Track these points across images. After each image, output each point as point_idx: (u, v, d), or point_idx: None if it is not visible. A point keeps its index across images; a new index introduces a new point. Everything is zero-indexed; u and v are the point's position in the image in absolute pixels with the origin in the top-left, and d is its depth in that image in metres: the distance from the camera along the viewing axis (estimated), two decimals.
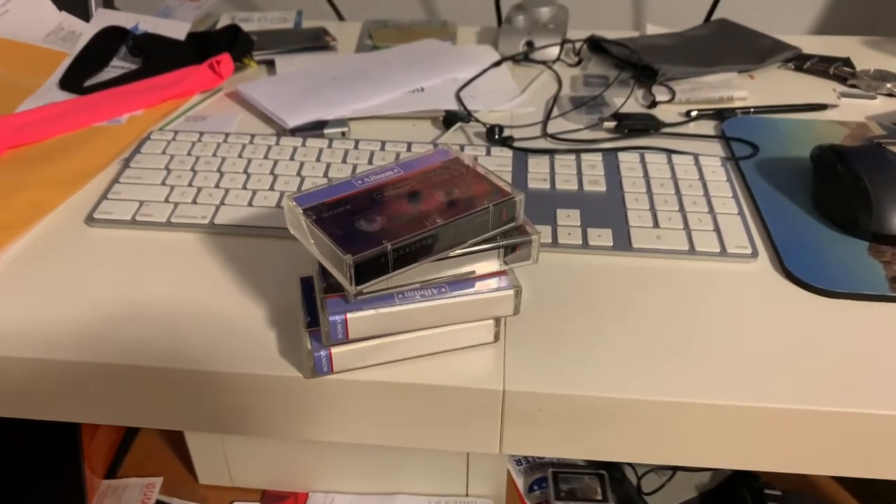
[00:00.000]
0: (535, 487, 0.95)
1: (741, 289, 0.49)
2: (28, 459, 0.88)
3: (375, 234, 0.38)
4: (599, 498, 0.90)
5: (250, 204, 0.54)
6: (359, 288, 0.37)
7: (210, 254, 0.51)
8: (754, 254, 0.51)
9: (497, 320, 0.43)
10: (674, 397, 0.41)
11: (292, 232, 0.41)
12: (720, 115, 0.69)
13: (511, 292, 0.41)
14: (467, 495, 0.93)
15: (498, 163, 0.60)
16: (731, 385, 0.42)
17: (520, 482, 0.96)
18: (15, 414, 0.46)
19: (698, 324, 0.46)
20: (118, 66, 0.77)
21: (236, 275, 0.49)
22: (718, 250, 0.51)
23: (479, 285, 0.41)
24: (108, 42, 0.78)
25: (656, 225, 0.53)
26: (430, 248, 0.39)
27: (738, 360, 0.43)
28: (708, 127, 0.68)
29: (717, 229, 0.53)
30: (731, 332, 0.45)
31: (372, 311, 0.39)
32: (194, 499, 0.95)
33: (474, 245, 0.40)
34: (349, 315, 0.39)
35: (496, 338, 0.44)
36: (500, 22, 0.93)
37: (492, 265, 0.42)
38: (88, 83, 0.73)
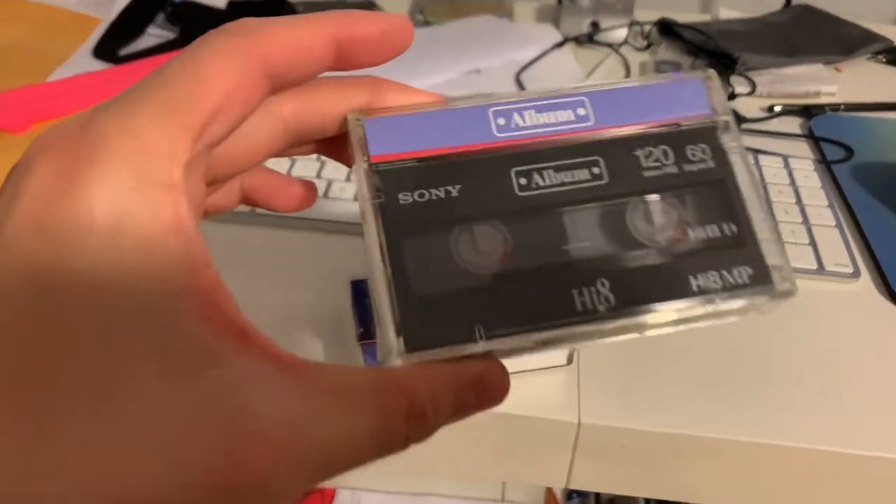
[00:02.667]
0: (575, 496, 0.90)
1: (841, 313, 0.43)
2: None
3: (470, 294, 0.20)
4: None
5: None
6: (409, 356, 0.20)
7: (250, 247, 0.46)
8: (856, 273, 0.45)
9: None
10: (764, 439, 0.36)
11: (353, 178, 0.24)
12: (807, 111, 0.63)
13: None
14: (503, 500, 0.89)
15: None
16: (828, 427, 0.36)
17: (558, 490, 0.92)
18: None
19: (793, 353, 0.40)
20: (154, 34, 0.72)
21: (279, 272, 0.44)
22: (815, 267, 0.45)
23: None
24: (144, 8, 0.73)
25: None
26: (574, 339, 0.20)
27: (839, 399, 0.38)
28: (793, 124, 0.62)
29: (812, 243, 0.47)
30: (830, 365, 0.40)
31: None
32: None
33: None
34: None
35: (570, 360, 0.39)
36: None
37: None
38: (123, 52, 0.68)
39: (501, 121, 0.21)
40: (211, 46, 0.18)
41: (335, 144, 0.23)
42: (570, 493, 0.90)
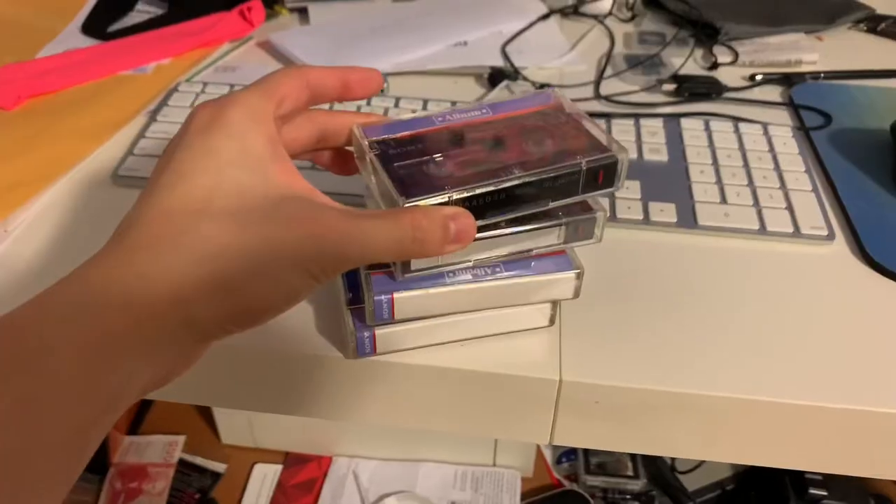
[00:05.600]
0: (564, 460, 0.93)
1: (816, 274, 0.45)
2: None
3: (441, 180, 0.33)
4: (631, 474, 0.88)
5: None
6: None
7: None
8: (830, 236, 0.47)
9: (554, 303, 0.39)
10: (741, 394, 0.38)
11: (357, 164, 0.37)
12: (788, 80, 0.64)
13: (572, 274, 0.37)
14: (494, 465, 0.91)
15: None
16: (801, 383, 0.38)
17: (548, 454, 0.94)
18: None
19: (768, 312, 0.42)
20: (143, 10, 0.72)
21: None
22: (791, 230, 0.47)
23: (536, 266, 0.38)
24: None
25: (724, 200, 0.49)
26: (501, 204, 0.33)
27: (811, 355, 0.39)
28: (774, 93, 0.63)
29: (789, 207, 0.48)
30: (804, 323, 0.41)
31: (420, 291, 0.36)
32: (217, 458, 0.94)
33: (557, 208, 0.35)
34: (396, 294, 0.36)
35: (552, 321, 0.40)
36: None
37: (551, 244, 0.38)
38: (112, 28, 0.69)
39: (440, 119, 0.37)
40: (282, 71, 0.33)
41: (341, 161, 0.38)
42: (559, 458, 0.92)
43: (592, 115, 0.57)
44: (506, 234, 0.36)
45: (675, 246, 0.46)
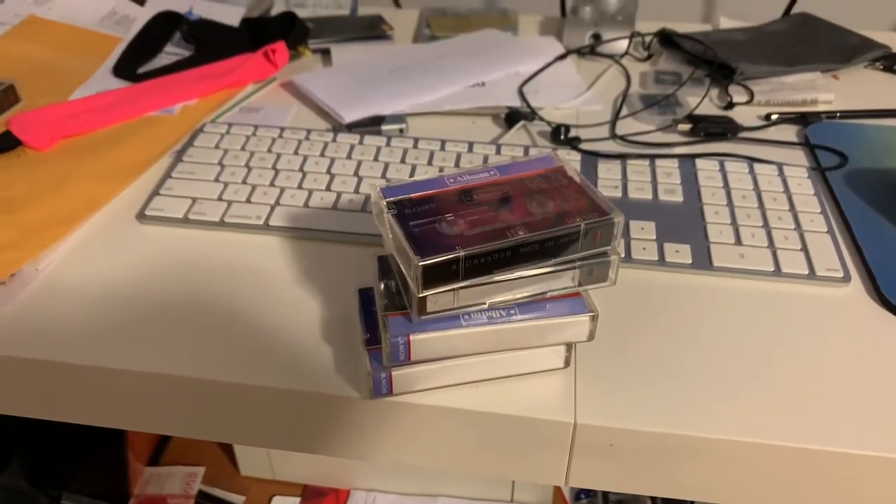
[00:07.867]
0: (583, 496, 0.92)
1: (832, 317, 0.45)
2: (73, 444, 0.88)
3: (451, 239, 0.35)
4: None
5: (306, 205, 0.52)
6: (425, 293, 0.35)
7: (264, 257, 0.49)
8: (846, 277, 0.47)
9: (569, 345, 0.40)
10: (756, 438, 0.38)
11: (375, 222, 0.40)
12: (803, 119, 0.64)
13: (587, 317, 0.38)
14: (512, 501, 0.90)
15: None
16: (818, 427, 0.38)
17: (566, 489, 0.93)
18: (54, 417, 0.45)
19: (784, 355, 0.42)
20: (172, 52, 0.75)
21: (291, 281, 0.47)
22: (807, 272, 0.47)
23: (550, 308, 0.38)
24: (162, 27, 0.76)
25: (738, 242, 0.49)
26: (506, 261, 0.36)
27: (827, 400, 0.39)
28: (790, 132, 0.63)
29: (804, 248, 0.49)
30: (820, 367, 0.41)
31: (436, 333, 0.37)
32: (236, 490, 0.95)
33: (558, 265, 0.37)
34: (412, 336, 0.36)
35: (566, 363, 0.41)
36: (563, 12, 0.89)
37: (566, 286, 0.38)
38: (142, 70, 0.71)
39: (451, 180, 0.40)
40: None
41: None
42: (578, 494, 0.92)
43: (608, 155, 0.58)
44: (521, 278, 0.37)
45: (690, 287, 0.47)
